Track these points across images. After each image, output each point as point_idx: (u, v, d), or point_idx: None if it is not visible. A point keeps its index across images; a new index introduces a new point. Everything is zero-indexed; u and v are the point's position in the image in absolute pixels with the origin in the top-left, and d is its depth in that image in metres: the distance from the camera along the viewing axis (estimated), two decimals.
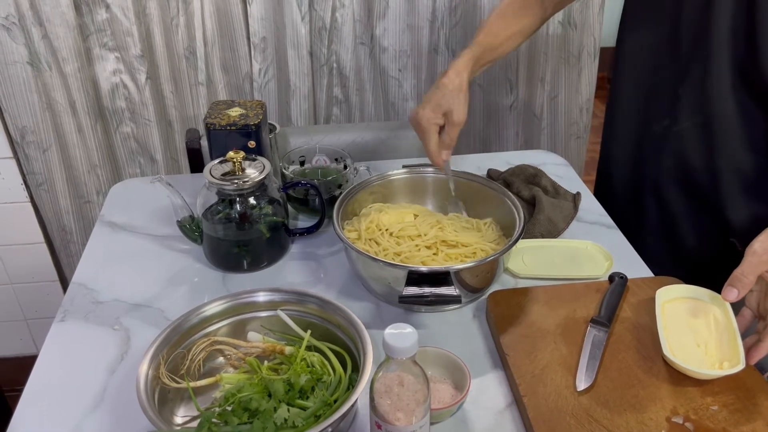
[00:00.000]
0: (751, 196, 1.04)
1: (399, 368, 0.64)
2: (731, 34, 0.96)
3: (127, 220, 1.15)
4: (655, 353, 0.83)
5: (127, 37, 1.49)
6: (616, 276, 0.95)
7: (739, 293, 0.80)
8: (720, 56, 0.98)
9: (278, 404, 0.72)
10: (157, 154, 1.65)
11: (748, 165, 1.02)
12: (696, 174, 1.08)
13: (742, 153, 1.02)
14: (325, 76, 1.63)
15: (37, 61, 1.47)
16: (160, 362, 0.75)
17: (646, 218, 1.17)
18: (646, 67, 1.10)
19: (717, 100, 1.00)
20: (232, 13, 1.54)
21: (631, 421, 0.74)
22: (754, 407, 0.75)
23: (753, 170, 1.02)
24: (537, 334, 0.87)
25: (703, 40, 0.98)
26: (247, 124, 1.05)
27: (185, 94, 1.62)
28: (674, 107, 1.06)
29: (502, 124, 1.76)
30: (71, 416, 0.78)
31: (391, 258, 0.94)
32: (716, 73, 0.99)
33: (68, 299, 0.97)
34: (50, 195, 1.65)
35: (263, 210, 1.00)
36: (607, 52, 1.99)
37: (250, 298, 0.84)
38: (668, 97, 1.07)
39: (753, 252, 0.80)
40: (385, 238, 0.98)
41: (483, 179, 1.07)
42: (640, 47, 1.10)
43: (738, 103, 0.99)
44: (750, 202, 1.05)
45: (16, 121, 1.54)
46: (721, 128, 1.02)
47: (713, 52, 0.98)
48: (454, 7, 1.58)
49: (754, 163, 1.02)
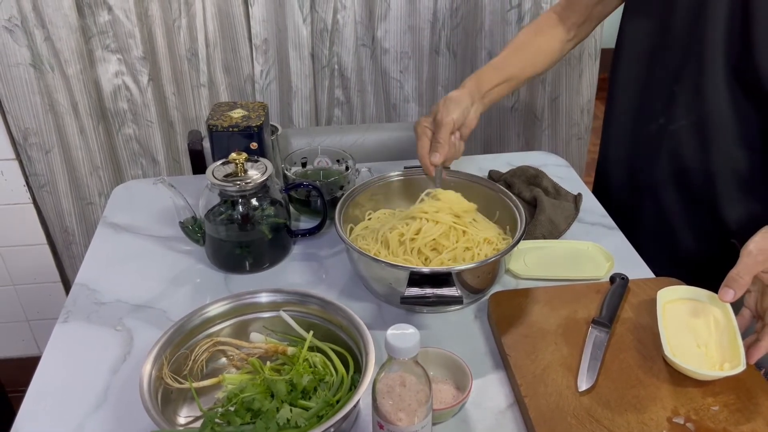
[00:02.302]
0: (746, 194, 1.04)
1: (401, 369, 0.64)
2: (726, 32, 0.96)
3: (130, 221, 1.16)
4: (656, 354, 0.83)
5: (129, 38, 1.49)
6: (617, 277, 0.95)
7: (735, 294, 0.80)
8: (714, 54, 0.98)
9: (281, 405, 0.72)
10: (159, 155, 1.65)
11: (742, 163, 1.03)
12: (691, 173, 1.08)
13: (736, 151, 1.02)
14: (326, 77, 1.63)
15: (39, 62, 1.48)
16: (163, 363, 0.76)
17: (643, 218, 1.18)
18: (642, 65, 1.11)
19: (711, 98, 1.01)
20: (234, 15, 1.54)
21: (632, 421, 0.74)
22: (754, 407, 0.75)
23: (747, 168, 1.03)
24: (538, 335, 0.87)
25: (698, 37, 0.99)
26: (249, 126, 1.06)
27: (187, 96, 1.63)
28: (670, 105, 1.06)
29: (503, 126, 1.77)
30: (74, 417, 0.79)
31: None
32: (711, 71, 0.99)
33: (71, 300, 0.97)
34: (53, 196, 1.66)
35: (265, 211, 1.00)
36: (608, 53, 1.99)
37: (253, 299, 0.85)
38: (664, 95, 1.07)
39: (748, 252, 0.80)
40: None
41: (484, 180, 1.07)
42: (636, 44, 1.11)
43: (732, 100, 0.99)
44: (745, 200, 1.05)
45: (19, 123, 1.55)
46: (715, 126, 1.02)
47: (708, 49, 0.98)
48: (455, 9, 1.59)
49: (748, 161, 1.02)
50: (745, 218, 1.05)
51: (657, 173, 1.12)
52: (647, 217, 1.17)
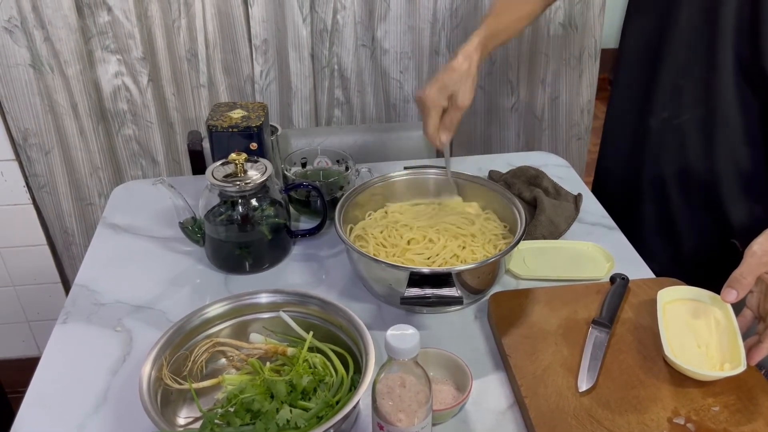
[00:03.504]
0: (749, 194, 1.04)
1: (401, 369, 0.64)
2: (735, 30, 0.96)
3: (129, 222, 1.16)
4: (657, 354, 0.83)
5: (129, 39, 1.49)
6: (617, 277, 0.95)
7: (738, 294, 0.80)
8: (724, 52, 0.98)
9: (280, 405, 0.72)
10: (158, 156, 1.65)
11: (746, 161, 1.03)
12: (695, 170, 1.07)
13: (741, 148, 1.02)
14: (326, 77, 1.63)
15: (39, 63, 1.48)
16: (163, 363, 0.76)
17: (644, 217, 1.17)
18: (646, 62, 1.10)
19: (720, 94, 1.00)
20: (234, 15, 1.54)
21: (633, 421, 0.74)
22: (755, 407, 0.75)
23: (751, 167, 1.03)
24: (538, 335, 0.87)
25: (707, 35, 0.98)
26: (249, 126, 1.06)
27: (187, 96, 1.62)
28: (674, 99, 1.06)
29: (503, 126, 1.77)
30: (74, 418, 0.79)
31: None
32: (720, 68, 0.99)
33: (70, 301, 0.97)
34: (52, 197, 1.66)
35: (265, 211, 1.00)
36: (608, 53, 2.00)
37: (252, 299, 0.85)
38: (668, 89, 1.07)
39: (752, 253, 0.80)
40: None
41: (484, 180, 1.07)
42: (641, 41, 1.10)
43: (740, 97, 0.99)
44: (748, 199, 1.05)
45: (19, 124, 1.55)
46: (722, 122, 1.02)
47: (718, 47, 0.98)
48: (455, 9, 1.58)
49: (752, 160, 1.02)
50: (747, 219, 1.05)
51: (659, 170, 1.12)
52: (648, 215, 1.16)
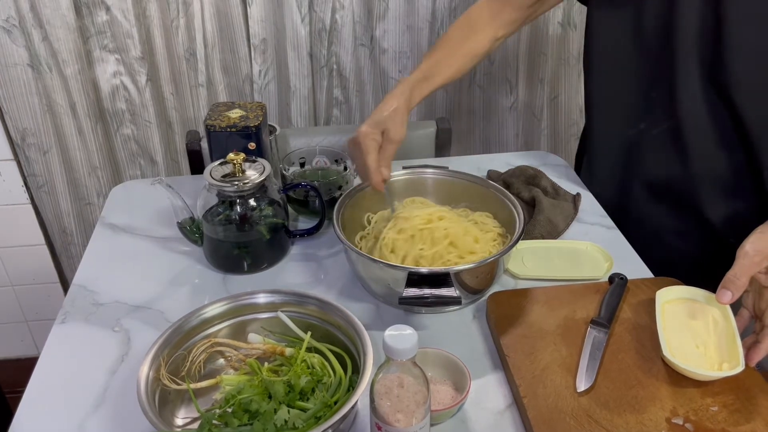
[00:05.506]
0: (728, 194, 1.04)
1: (399, 369, 0.64)
2: (697, 36, 0.96)
3: (128, 221, 1.16)
4: (655, 354, 0.83)
5: (128, 39, 1.49)
6: (615, 277, 0.95)
7: (732, 295, 0.79)
8: (687, 59, 0.97)
9: (278, 406, 0.72)
10: (157, 155, 1.65)
11: (723, 164, 1.03)
12: (673, 177, 1.08)
13: (716, 152, 1.02)
14: (325, 77, 1.63)
15: (37, 63, 1.48)
16: (161, 364, 0.75)
17: (629, 224, 1.16)
18: (616, 74, 1.09)
19: (686, 102, 1.00)
20: (232, 15, 1.54)
21: (631, 421, 0.74)
22: (753, 407, 0.75)
23: (728, 168, 1.03)
24: (537, 335, 0.87)
25: (669, 43, 0.98)
26: (247, 126, 1.05)
27: (185, 96, 1.62)
28: (648, 111, 1.06)
29: (501, 125, 1.77)
30: (72, 418, 0.78)
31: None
32: (684, 75, 0.99)
33: (69, 301, 0.97)
34: (51, 197, 1.66)
35: (263, 211, 1.00)
36: None
37: (251, 299, 0.84)
38: (641, 100, 1.06)
39: (744, 254, 0.80)
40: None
41: (483, 180, 1.07)
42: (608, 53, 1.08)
43: (708, 102, 0.99)
44: (728, 200, 1.05)
45: (17, 123, 1.55)
46: (693, 129, 1.02)
47: (680, 54, 0.98)
48: (453, 8, 1.58)
49: (728, 161, 1.02)
50: (730, 217, 1.05)
51: (640, 179, 1.12)
52: (633, 222, 1.16)
